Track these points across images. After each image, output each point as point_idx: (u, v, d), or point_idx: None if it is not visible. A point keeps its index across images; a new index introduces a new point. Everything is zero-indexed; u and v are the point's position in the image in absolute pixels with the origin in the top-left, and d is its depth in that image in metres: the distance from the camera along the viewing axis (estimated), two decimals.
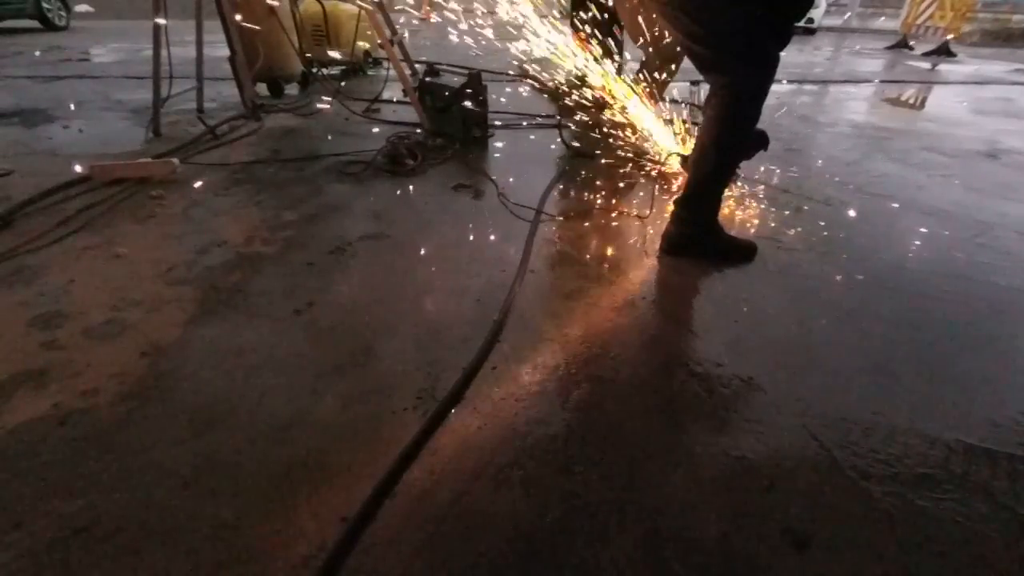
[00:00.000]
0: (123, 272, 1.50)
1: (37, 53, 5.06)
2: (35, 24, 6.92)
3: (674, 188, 2.22)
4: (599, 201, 2.11)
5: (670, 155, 2.21)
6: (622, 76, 2.40)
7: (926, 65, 7.00)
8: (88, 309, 1.32)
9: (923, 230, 1.95)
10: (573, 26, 3.04)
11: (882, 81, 5.49)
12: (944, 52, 7.81)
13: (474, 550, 0.80)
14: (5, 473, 0.89)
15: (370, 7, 3.02)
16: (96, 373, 1.12)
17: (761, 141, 1.86)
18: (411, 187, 2.20)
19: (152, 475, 0.90)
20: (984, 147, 3.10)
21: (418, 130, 2.81)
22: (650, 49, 2.23)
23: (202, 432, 0.98)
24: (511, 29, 2.58)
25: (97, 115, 3.07)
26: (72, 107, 3.19)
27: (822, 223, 1.96)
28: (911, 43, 8.64)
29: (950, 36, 7.88)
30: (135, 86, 3.64)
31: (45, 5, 6.81)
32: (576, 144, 2.71)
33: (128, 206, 1.91)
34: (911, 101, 4.56)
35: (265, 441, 0.97)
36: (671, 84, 2.64)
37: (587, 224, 1.91)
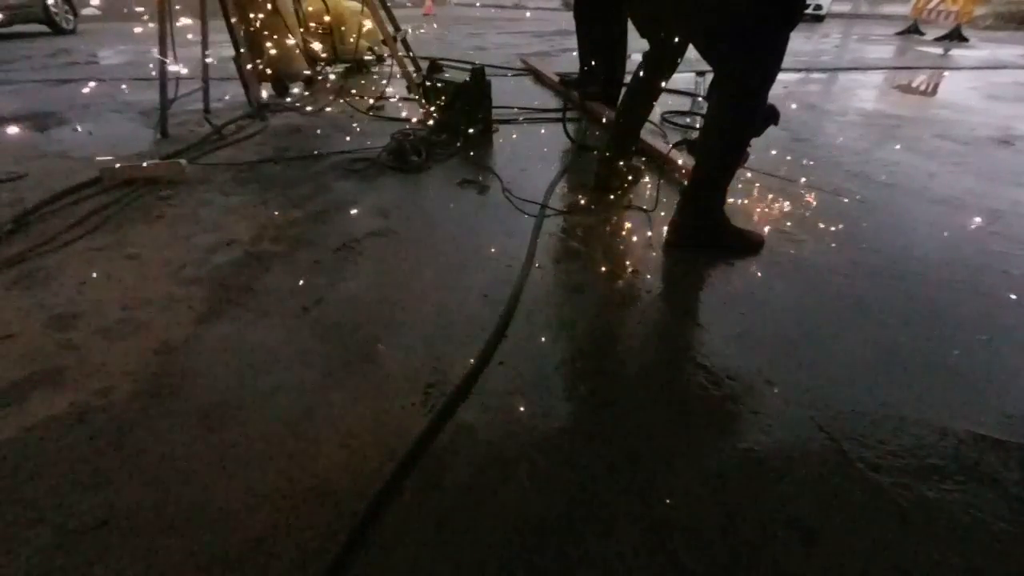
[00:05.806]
0: (135, 272, 1.52)
1: (48, 53, 5.11)
2: (43, 28, 6.99)
3: (679, 180, 2.20)
4: (604, 195, 2.10)
5: (675, 144, 2.20)
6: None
7: (938, 50, 6.86)
8: (102, 309, 1.35)
9: (935, 219, 1.92)
10: (577, 20, 3.01)
11: (892, 68, 5.39)
12: (956, 37, 7.66)
13: (482, 543, 0.81)
14: (26, 470, 0.92)
15: (374, 3, 3.02)
16: (111, 372, 1.14)
17: (771, 116, 1.81)
18: (416, 184, 2.21)
19: (166, 470, 0.92)
20: (998, 134, 3.04)
21: (422, 126, 2.82)
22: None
23: (214, 428, 1.00)
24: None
25: (106, 117, 3.10)
26: (81, 110, 3.23)
27: (831, 213, 1.94)
28: (922, 28, 8.48)
29: (962, 20, 7.73)
30: (142, 88, 3.68)
31: (52, 9, 6.88)
32: (584, 136, 2.69)
33: (138, 207, 1.94)
34: (922, 88, 4.47)
35: (276, 436, 0.99)
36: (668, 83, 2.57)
37: (592, 218, 1.91)
